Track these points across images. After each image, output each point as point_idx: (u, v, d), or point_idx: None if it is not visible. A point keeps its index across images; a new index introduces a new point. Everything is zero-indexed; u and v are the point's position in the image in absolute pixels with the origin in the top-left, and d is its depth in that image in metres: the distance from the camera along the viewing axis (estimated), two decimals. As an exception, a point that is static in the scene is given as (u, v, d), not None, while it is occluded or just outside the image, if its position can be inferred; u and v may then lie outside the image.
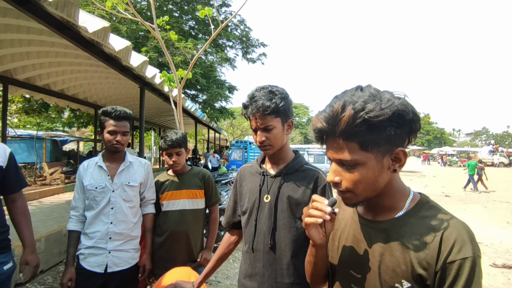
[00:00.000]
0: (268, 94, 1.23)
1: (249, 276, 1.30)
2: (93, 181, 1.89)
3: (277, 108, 1.22)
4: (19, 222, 1.76)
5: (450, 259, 0.68)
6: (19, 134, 13.92)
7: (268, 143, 1.25)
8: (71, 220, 1.91)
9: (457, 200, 10.52)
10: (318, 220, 0.78)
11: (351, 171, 0.75)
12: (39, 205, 6.51)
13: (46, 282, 3.59)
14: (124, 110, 1.91)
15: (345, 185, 0.77)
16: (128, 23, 11.21)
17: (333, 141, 0.75)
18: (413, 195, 0.82)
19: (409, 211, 0.79)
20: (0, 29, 4.27)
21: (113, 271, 1.86)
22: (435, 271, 0.70)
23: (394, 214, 0.80)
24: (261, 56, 16.31)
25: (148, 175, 2.07)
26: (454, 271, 0.68)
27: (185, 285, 1.38)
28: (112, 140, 1.87)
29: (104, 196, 1.88)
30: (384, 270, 0.77)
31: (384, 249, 0.78)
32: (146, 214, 2.07)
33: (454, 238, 0.70)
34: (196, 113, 10.45)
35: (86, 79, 7.41)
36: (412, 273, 0.73)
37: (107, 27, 3.52)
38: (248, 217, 1.33)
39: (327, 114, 0.74)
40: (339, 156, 0.75)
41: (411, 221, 0.77)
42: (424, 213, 0.78)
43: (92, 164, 1.95)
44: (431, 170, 26.55)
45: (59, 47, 5.14)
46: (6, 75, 5.83)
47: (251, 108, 1.23)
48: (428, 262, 0.71)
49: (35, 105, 11.08)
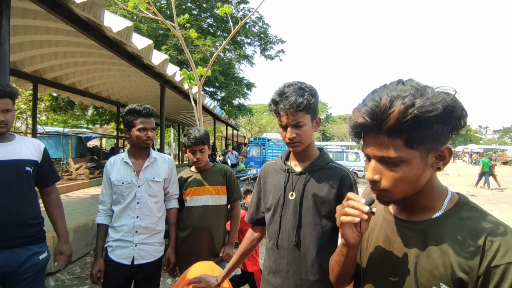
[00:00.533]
0: (299, 90, 1.22)
1: (273, 272, 1.30)
2: (119, 176, 1.95)
3: (308, 104, 1.21)
4: (54, 214, 1.87)
5: (494, 263, 0.65)
6: (47, 131, 14.56)
7: (298, 139, 1.25)
8: (99, 214, 1.99)
9: (484, 200, 10.10)
10: (355, 219, 0.74)
11: (394, 169, 0.72)
12: (66, 199, 6.81)
13: (74, 272, 3.76)
14: (151, 107, 1.98)
15: (385, 184, 0.73)
16: (149, 22, 11.45)
17: (376, 137, 0.71)
18: (451, 195, 0.79)
19: (448, 211, 0.76)
20: (30, 31, 4.48)
21: (139, 264, 1.92)
22: (478, 275, 0.67)
23: (431, 215, 0.77)
24: (279, 52, 16.25)
25: (172, 171, 2.12)
26: (498, 275, 0.64)
27: (209, 279, 1.42)
28: (143, 137, 1.93)
29: (130, 191, 1.94)
30: (420, 272, 0.74)
31: (420, 250, 0.75)
32: (170, 208, 2.12)
33: (499, 241, 0.66)
34: (214, 110, 10.56)
35: (109, 78, 7.64)
36: (452, 277, 0.69)
37: (130, 27, 3.62)
38: (272, 214, 1.33)
39: (371, 109, 0.70)
40: (382, 153, 0.71)
41: (450, 222, 0.74)
42: (465, 214, 0.74)
43: (118, 160, 2.01)
44: (456, 169, 25.59)
45: (84, 47, 5.33)
46: (36, 75, 6.11)
47: (282, 104, 1.21)
48: (470, 266, 0.68)
49: (61, 103, 11.55)
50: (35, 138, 1.92)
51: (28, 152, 1.74)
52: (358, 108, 0.73)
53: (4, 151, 1.65)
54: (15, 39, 4.58)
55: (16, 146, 1.70)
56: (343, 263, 0.86)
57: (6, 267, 1.60)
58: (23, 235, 1.65)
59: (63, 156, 11.64)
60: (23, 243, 1.65)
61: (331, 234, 1.27)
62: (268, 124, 36.84)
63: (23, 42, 4.84)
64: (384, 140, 0.70)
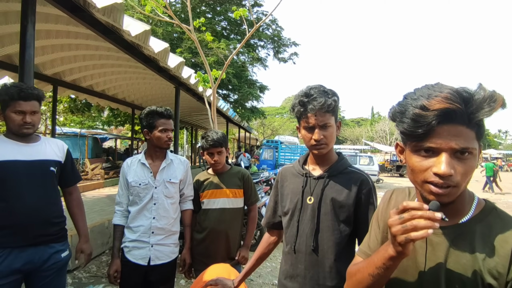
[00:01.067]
0: (324, 92, 1.23)
1: (290, 277, 1.29)
2: (136, 178, 1.98)
3: (335, 106, 1.23)
4: (75, 213, 1.92)
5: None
6: (64, 132, 14.97)
7: (325, 141, 1.24)
8: (116, 215, 2.01)
9: (504, 207, 9.70)
10: (429, 232, 0.63)
11: (464, 162, 0.69)
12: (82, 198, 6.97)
13: (90, 271, 3.84)
14: (170, 109, 2.03)
15: (457, 179, 0.69)
16: (164, 26, 11.64)
17: (454, 127, 0.68)
18: (477, 200, 0.78)
19: (475, 217, 0.75)
20: (52, 35, 4.64)
21: (155, 264, 1.94)
22: (507, 280, 0.66)
23: (458, 220, 0.75)
24: (293, 55, 16.24)
25: (187, 172, 2.14)
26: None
27: (226, 282, 1.42)
28: (164, 138, 1.97)
29: (147, 192, 1.96)
30: (448, 278, 0.72)
31: (448, 256, 0.73)
32: (185, 210, 2.14)
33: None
34: (227, 112, 10.62)
35: (125, 80, 7.81)
36: (481, 282, 0.68)
37: (148, 30, 3.68)
38: (290, 218, 1.32)
39: (467, 97, 0.66)
40: (462, 144, 0.68)
41: (478, 227, 0.73)
42: (493, 220, 0.73)
43: (135, 161, 2.04)
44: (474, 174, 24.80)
45: (103, 50, 5.46)
46: (56, 77, 6.30)
47: (312, 105, 1.20)
48: (498, 271, 0.67)
49: (79, 105, 11.87)
50: (59, 140, 1.97)
51: (52, 153, 1.79)
52: (445, 94, 0.67)
53: (31, 151, 1.70)
54: (38, 43, 4.74)
55: (41, 147, 1.76)
56: (382, 277, 0.77)
57: (30, 264, 1.65)
58: (47, 233, 1.70)
59: (80, 156, 11.94)
60: (46, 241, 1.70)
61: (349, 239, 1.26)
62: (280, 127, 36.78)
63: (45, 46, 5.01)
64: (463, 131, 0.68)
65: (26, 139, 1.71)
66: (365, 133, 45.48)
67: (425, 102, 0.68)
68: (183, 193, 2.13)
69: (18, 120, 1.63)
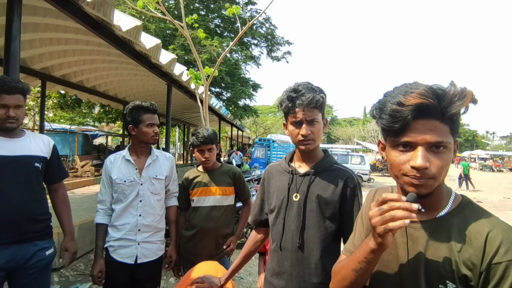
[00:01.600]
0: (311, 89, 1.24)
1: (277, 274, 1.29)
2: (121, 174, 1.93)
3: (322, 102, 1.24)
4: (60, 210, 1.88)
5: (495, 261, 0.67)
6: (54, 128, 14.72)
7: (312, 137, 1.24)
8: (98, 214, 1.95)
9: (490, 206, 9.96)
10: (406, 222, 0.66)
11: (440, 155, 0.72)
12: (72, 195, 6.87)
13: (78, 269, 3.79)
14: (155, 103, 2.01)
15: (433, 172, 0.72)
16: (157, 22, 11.52)
17: (429, 122, 0.71)
18: (455, 195, 0.81)
19: (452, 210, 0.78)
20: (40, 29, 4.54)
21: (142, 262, 1.92)
22: (480, 271, 0.69)
23: (436, 214, 0.78)
24: (286, 54, 16.24)
25: (172, 169, 2.12)
26: (500, 272, 0.66)
27: (213, 280, 1.41)
28: (151, 133, 1.94)
29: (132, 189, 1.92)
30: (427, 271, 0.74)
31: (427, 249, 0.76)
32: (170, 206, 2.11)
33: (500, 239, 0.69)
34: (220, 110, 10.58)
35: (117, 76, 7.70)
36: (457, 274, 0.71)
37: (139, 26, 3.64)
38: (276, 215, 1.32)
39: (438, 93, 0.70)
40: (436, 138, 0.71)
41: (455, 221, 0.76)
42: (468, 214, 0.76)
43: (119, 158, 1.98)
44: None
45: (93, 46, 5.37)
46: (44, 72, 6.17)
47: (300, 100, 1.21)
48: (472, 262, 0.70)
49: (69, 101, 11.67)
50: (44, 135, 1.93)
51: (37, 148, 1.75)
52: (420, 90, 0.71)
53: (14, 146, 1.66)
54: (25, 36, 4.63)
55: (26, 142, 1.72)
56: (365, 271, 0.79)
57: (13, 261, 1.61)
58: (31, 230, 1.67)
59: (69, 153, 11.76)
60: (30, 238, 1.67)
61: (334, 236, 1.26)
62: (273, 126, 36.81)
63: (33, 39, 4.90)
64: (437, 125, 0.72)
65: (10, 134, 1.67)
66: (357, 133, 45.81)
67: (402, 98, 0.72)
68: (168, 189, 2.10)
69: (1, 114, 1.59)
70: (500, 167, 33.39)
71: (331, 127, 55.61)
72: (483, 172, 30.72)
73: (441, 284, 0.72)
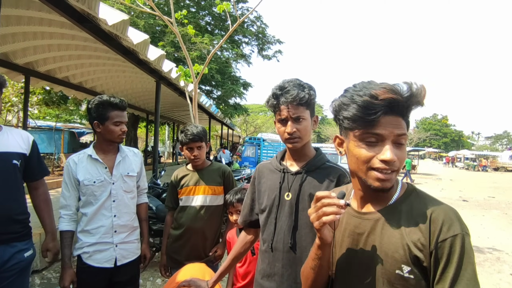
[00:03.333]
0: (299, 86, 1.21)
1: (268, 276, 1.25)
2: (89, 175, 1.78)
3: (309, 99, 1.20)
4: (41, 209, 1.79)
5: (441, 238, 0.72)
6: (39, 125, 14.34)
7: (298, 135, 1.21)
8: (62, 220, 1.78)
9: (476, 205, 10.18)
10: (337, 217, 0.74)
11: (401, 149, 0.78)
12: (57, 194, 6.68)
13: (61, 270, 3.67)
14: (124, 99, 1.86)
15: (398, 165, 0.77)
16: (146, 18, 11.33)
17: (395, 118, 0.77)
18: (401, 184, 0.86)
19: (400, 198, 0.83)
20: (23, 22, 4.38)
21: (122, 264, 1.83)
22: (430, 251, 0.73)
23: (386, 203, 0.83)
24: (277, 53, 16.20)
25: (142, 165, 2.04)
26: (447, 248, 0.71)
27: (200, 283, 1.36)
28: (118, 131, 1.80)
29: (104, 189, 1.80)
30: (384, 258, 0.78)
31: (382, 237, 0.80)
32: (140, 204, 2.03)
33: (442, 218, 0.74)
34: (210, 108, 10.50)
35: (104, 73, 7.53)
36: (410, 256, 0.75)
37: (126, 20, 3.54)
38: (267, 215, 1.28)
39: (406, 91, 0.75)
40: (400, 131, 0.77)
41: (403, 207, 0.81)
42: (414, 199, 0.82)
43: (83, 157, 1.83)
44: (448, 174, 25.85)
45: (79, 40, 5.23)
46: (28, 67, 5.98)
47: (284, 97, 1.19)
48: (422, 243, 0.74)
49: (54, 97, 11.36)
50: (23, 130, 1.82)
51: (16, 145, 1.65)
52: (389, 87, 0.75)
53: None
54: (7, 30, 4.47)
55: (3, 138, 1.61)
56: (319, 267, 0.87)
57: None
58: (9, 231, 1.58)
59: (55, 151, 11.46)
60: (8, 239, 1.58)
61: None
62: (263, 124, 36.79)
63: (16, 33, 4.73)
64: (401, 121, 0.77)
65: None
66: (347, 133, 46.19)
67: (374, 92, 0.75)
68: (138, 186, 2.00)
69: None
70: (486, 166, 34.25)
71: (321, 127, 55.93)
72: (468, 172, 31.45)
73: (397, 269, 0.76)
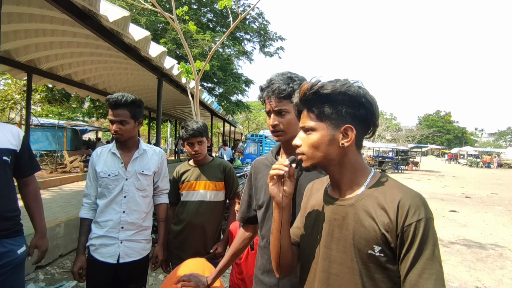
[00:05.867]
0: (287, 79, 1.21)
1: (268, 271, 1.25)
2: (106, 168, 1.85)
3: (292, 93, 1.18)
4: (31, 206, 1.75)
5: (407, 223, 0.80)
6: (41, 123, 14.39)
7: (280, 128, 1.22)
8: (83, 208, 1.88)
9: (479, 202, 10.14)
10: (280, 172, 0.93)
11: (307, 135, 0.95)
12: (60, 191, 6.72)
13: (65, 266, 3.70)
14: (120, 97, 1.79)
15: (303, 149, 0.94)
16: (147, 15, 11.32)
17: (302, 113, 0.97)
18: (373, 172, 0.94)
19: (372, 185, 0.90)
20: (25, 19, 4.38)
21: (125, 262, 1.83)
22: (396, 234, 0.81)
23: (358, 190, 0.91)
24: (279, 50, 16.12)
25: (162, 164, 2.01)
26: (412, 232, 0.79)
27: (200, 278, 1.36)
28: (111, 130, 1.83)
29: (117, 184, 1.83)
30: (357, 240, 0.86)
31: (355, 221, 0.87)
32: (159, 204, 2.02)
33: (409, 204, 0.81)
34: (212, 105, 10.48)
35: (106, 70, 7.54)
36: (380, 237, 0.83)
37: (127, 17, 3.53)
38: (265, 211, 1.28)
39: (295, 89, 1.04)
40: (302, 124, 0.96)
41: (374, 193, 0.88)
42: (384, 187, 0.88)
43: (105, 151, 1.90)
44: (451, 170, 25.74)
45: (81, 37, 5.23)
46: (30, 65, 5.99)
47: (267, 91, 1.22)
48: (390, 226, 0.82)
49: (57, 95, 11.39)
50: (13, 126, 1.78)
51: (5, 141, 1.61)
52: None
53: None
54: (9, 27, 4.47)
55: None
56: (280, 232, 0.99)
57: None
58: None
59: (58, 148, 11.52)
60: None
61: None
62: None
63: (18, 30, 4.74)
64: (305, 114, 0.94)
65: None
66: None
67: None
68: (157, 186, 2.00)
69: None
70: (491, 161, 33.99)
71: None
72: (471, 168, 31.30)
73: (370, 249, 0.84)
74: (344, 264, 0.88)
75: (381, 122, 42.02)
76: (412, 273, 0.78)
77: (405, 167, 24.14)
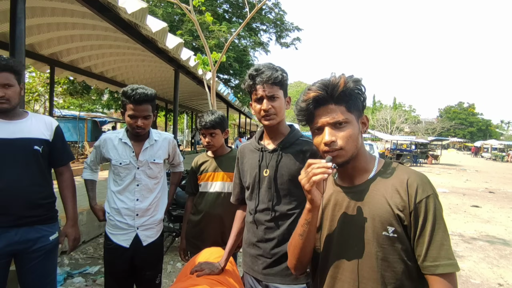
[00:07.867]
0: (273, 68, 1.33)
1: (252, 244, 1.40)
2: (117, 156, 1.88)
3: (282, 80, 1.32)
4: (64, 195, 1.83)
5: (418, 199, 0.87)
6: (64, 114, 14.87)
7: (273, 111, 1.32)
8: (85, 171, 2.06)
9: (503, 197, 9.76)
10: (325, 176, 0.86)
11: (342, 129, 0.92)
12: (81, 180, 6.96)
13: (87, 252, 3.85)
14: (144, 92, 1.78)
15: (340, 143, 0.91)
16: (164, 6, 11.37)
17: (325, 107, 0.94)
18: (378, 159, 1.01)
19: (380, 170, 0.97)
20: (47, 13, 4.49)
21: (140, 247, 1.89)
22: (410, 211, 0.87)
23: (367, 176, 0.97)
24: (295, 40, 15.94)
25: (173, 148, 2.09)
26: (424, 207, 0.86)
27: (213, 265, 1.43)
28: (132, 124, 1.81)
29: (128, 172, 1.87)
30: (372, 223, 0.90)
31: (369, 206, 0.92)
32: (175, 172, 2.28)
33: (417, 182, 0.89)
34: (228, 97, 10.50)
35: (124, 62, 7.67)
36: (394, 217, 0.88)
37: (145, 8, 3.56)
38: (251, 191, 1.42)
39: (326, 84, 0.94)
40: (333, 119, 0.93)
41: (383, 177, 0.95)
42: (391, 170, 0.96)
43: (115, 138, 1.92)
44: (473, 164, 24.85)
45: (100, 30, 5.32)
46: (53, 58, 6.17)
47: (260, 77, 1.30)
48: (403, 205, 0.88)
49: (78, 87, 11.72)
50: (47, 116, 1.85)
51: (38, 131, 1.68)
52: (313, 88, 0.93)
53: (13, 129, 1.60)
54: (33, 21, 4.60)
55: (26, 124, 1.65)
56: (308, 232, 0.96)
57: (13, 245, 1.58)
58: (31, 214, 1.62)
59: (79, 139, 11.89)
60: (31, 222, 1.62)
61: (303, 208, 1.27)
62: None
63: (41, 24, 4.87)
64: (333, 108, 0.92)
65: (8, 115, 1.60)
66: (366, 122, 45.19)
67: (302, 97, 0.94)
68: (173, 162, 2.20)
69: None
70: None
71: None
72: (496, 162, 30.09)
73: (384, 231, 0.89)
74: (360, 249, 0.91)
75: (400, 114, 40.94)
76: (432, 246, 0.84)
77: (424, 161, 23.48)
